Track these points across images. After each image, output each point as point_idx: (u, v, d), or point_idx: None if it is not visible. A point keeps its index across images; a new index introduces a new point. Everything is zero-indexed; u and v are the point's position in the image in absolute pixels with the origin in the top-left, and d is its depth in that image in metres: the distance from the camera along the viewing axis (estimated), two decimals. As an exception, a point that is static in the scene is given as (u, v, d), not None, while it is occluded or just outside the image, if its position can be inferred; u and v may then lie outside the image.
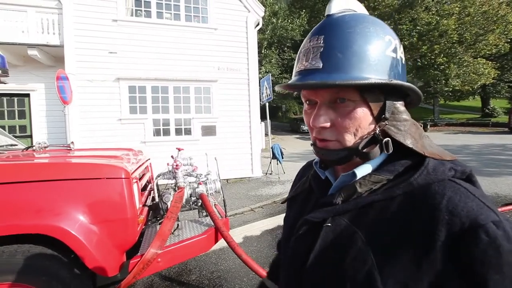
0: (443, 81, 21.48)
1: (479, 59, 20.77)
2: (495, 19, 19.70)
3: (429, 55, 20.76)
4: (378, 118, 0.45)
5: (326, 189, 0.52)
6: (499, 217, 0.37)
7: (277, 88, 0.53)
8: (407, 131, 0.46)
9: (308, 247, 0.48)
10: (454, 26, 19.48)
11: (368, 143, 0.46)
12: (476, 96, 28.17)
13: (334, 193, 0.48)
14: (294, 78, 0.48)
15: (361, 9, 0.50)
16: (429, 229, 0.38)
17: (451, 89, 22.09)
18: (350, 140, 0.46)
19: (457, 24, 19.72)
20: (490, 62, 20.84)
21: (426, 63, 21.57)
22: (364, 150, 0.46)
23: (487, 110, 26.20)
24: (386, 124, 0.46)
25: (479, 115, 26.73)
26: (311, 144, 0.52)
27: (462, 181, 0.42)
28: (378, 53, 0.44)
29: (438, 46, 20.02)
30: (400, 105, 0.47)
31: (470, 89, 22.56)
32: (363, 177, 0.46)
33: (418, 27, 20.50)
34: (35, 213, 1.54)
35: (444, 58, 20.40)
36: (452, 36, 19.64)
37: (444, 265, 0.36)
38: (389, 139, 0.46)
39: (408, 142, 0.45)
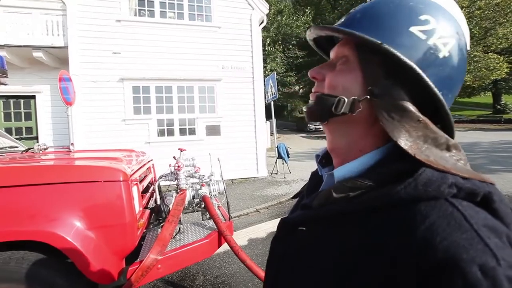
0: (452, 76, 20.98)
1: (489, 54, 20.22)
2: (507, 11, 19.13)
3: (438, 50, 20.30)
4: (374, 94, 0.39)
5: (318, 188, 0.47)
6: (498, 262, 0.26)
7: (308, 33, 0.49)
8: (402, 122, 0.36)
9: (284, 249, 0.46)
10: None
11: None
12: (487, 92, 27.45)
13: (314, 195, 0.43)
14: None
15: None
16: (395, 259, 0.30)
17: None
18: (330, 93, 0.42)
19: (467, 18, 19.22)
20: (502, 57, 20.26)
21: (434, 58, 21.10)
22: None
23: (498, 107, 25.49)
24: (369, 99, 0.38)
25: (490, 112, 26.05)
26: None
27: (468, 203, 0.32)
28: (398, 24, 0.37)
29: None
30: (411, 99, 0.37)
31: (482, 84, 21.97)
32: (341, 181, 0.40)
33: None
34: (29, 219, 1.47)
35: (453, 53, 19.92)
36: (461, 30, 19.13)
37: None
38: (344, 98, 0.40)
39: (396, 135, 0.36)
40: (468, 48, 0.40)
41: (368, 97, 0.38)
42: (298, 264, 0.42)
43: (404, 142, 0.35)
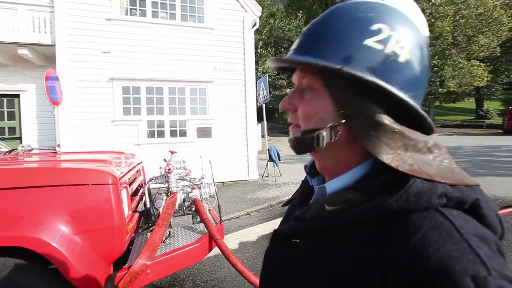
0: (438, 82, 21.68)
1: (472, 61, 21.02)
2: (489, 21, 19.98)
3: (424, 56, 20.93)
4: (347, 116, 0.39)
5: (309, 198, 0.48)
6: (489, 272, 0.27)
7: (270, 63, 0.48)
8: (379, 137, 0.37)
9: (276, 258, 0.47)
10: (449, 28, 19.69)
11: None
12: (470, 98, 28.49)
13: (306, 207, 0.44)
14: None
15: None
16: (388, 269, 0.31)
17: (445, 91, 22.30)
18: (307, 127, 0.42)
19: (452, 26, 19.94)
20: (483, 64, 21.09)
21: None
22: (307, 138, 0.41)
23: (481, 112, 26.48)
24: (343, 122, 0.38)
25: (473, 117, 27.01)
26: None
27: (457, 212, 0.32)
28: (352, 41, 0.37)
29: (433, 48, 20.21)
30: (383, 111, 0.37)
31: (466, 91, 22.82)
32: (333, 194, 0.40)
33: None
34: (12, 223, 1.42)
35: (438, 60, 20.60)
36: (447, 38, 19.84)
37: None
38: (322, 132, 0.40)
39: (377, 151, 0.36)
40: (427, 34, 0.41)
41: (343, 120, 0.39)
42: (291, 272, 0.43)
43: (386, 156, 0.36)
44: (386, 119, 0.37)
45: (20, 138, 6.34)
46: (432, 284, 0.28)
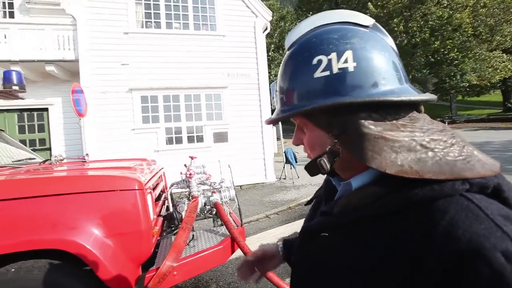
0: (459, 76, 20.68)
1: (495, 52, 19.89)
2: (512, 9, 18.90)
3: (442, 50, 20.09)
4: (336, 135, 0.44)
5: (334, 194, 0.51)
6: None
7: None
8: (364, 145, 0.39)
9: (303, 256, 0.49)
10: (469, 20, 18.80)
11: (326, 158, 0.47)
12: (496, 90, 26.96)
13: (333, 202, 0.46)
14: None
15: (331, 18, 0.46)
16: (418, 254, 0.32)
17: (467, 84, 21.22)
18: (315, 155, 0.48)
19: (471, 17, 19.04)
20: (505, 55, 19.89)
21: (439, 58, 20.87)
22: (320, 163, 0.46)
23: (509, 105, 24.98)
24: (336, 141, 0.43)
25: (501, 110, 25.52)
26: None
27: (481, 196, 0.34)
28: (307, 80, 0.43)
29: (451, 41, 19.36)
30: (362, 119, 0.40)
31: (488, 84, 21.61)
32: (359, 188, 0.42)
33: (430, 22, 19.92)
34: (50, 228, 1.52)
35: (458, 53, 19.66)
36: (466, 29, 18.95)
37: None
38: (322, 159, 0.45)
39: (365, 159, 0.39)
40: (369, 22, 0.43)
41: (336, 140, 0.43)
42: (319, 267, 0.45)
43: (374, 162, 0.38)
44: (366, 128, 0.39)
45: (49, 149, 6.74)
46: (465, 263, 0.29)
